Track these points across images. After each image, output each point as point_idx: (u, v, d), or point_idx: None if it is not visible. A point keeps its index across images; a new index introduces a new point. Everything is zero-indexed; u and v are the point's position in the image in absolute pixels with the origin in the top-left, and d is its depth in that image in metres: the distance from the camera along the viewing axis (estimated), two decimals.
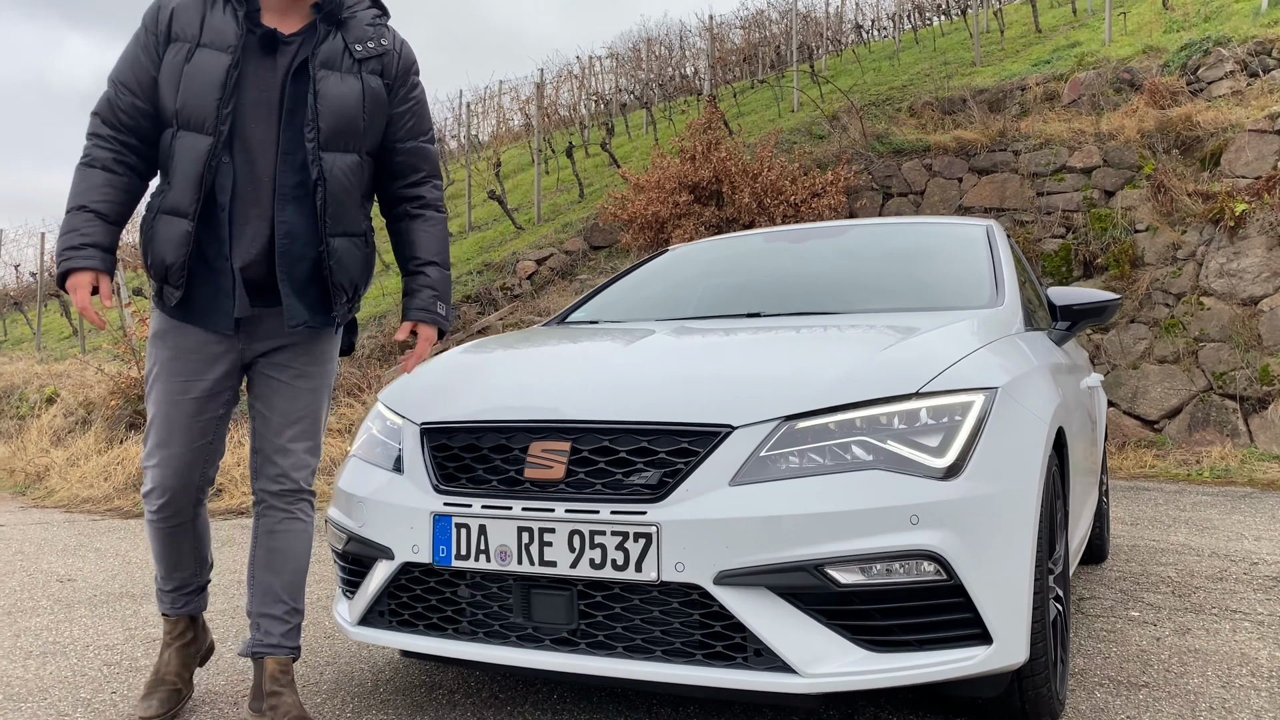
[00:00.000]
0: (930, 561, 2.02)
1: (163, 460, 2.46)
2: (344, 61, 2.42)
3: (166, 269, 2.38)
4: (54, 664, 3.08)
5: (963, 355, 2.35)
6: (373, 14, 2.54)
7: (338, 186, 2.41)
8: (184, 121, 2.35)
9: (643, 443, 2.15)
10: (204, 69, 2.32)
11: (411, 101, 2.56)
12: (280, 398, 2.50)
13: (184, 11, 2.37)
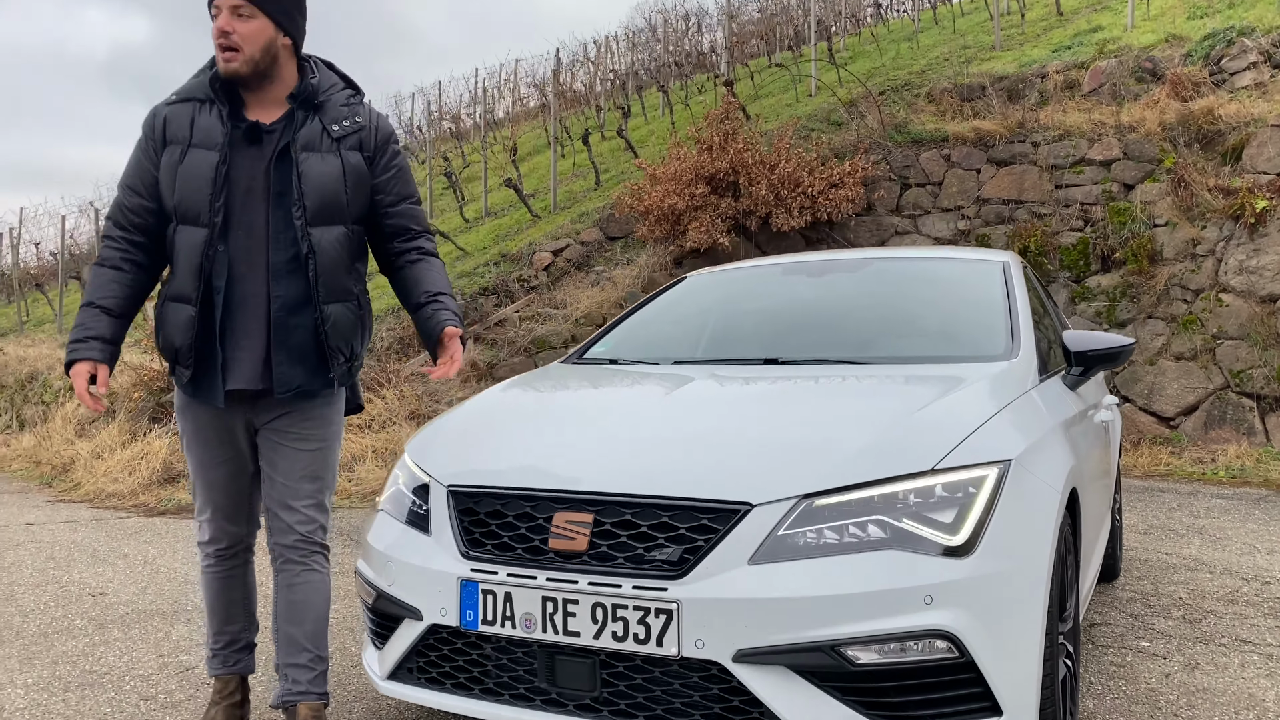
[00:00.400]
0: (943, 640, 2.08)
1: (213, 514, 2.76)
2: (323, 142, 2.61)
3: (176, 350, 2.61)
4: (92, 698, 3.19)
5: (978, 425, 2.40)
6: (346, 94, 2.73)
7: (327, 258, 2.59)
8: (181, 216, 2.56)
9: (664, 518, 2.22)
10: (195, 167, 2.53)
11: (394, 169, 2.74)
12: (284, 460, 2.67)
13: (176, 118, 2.59)
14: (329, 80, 2.73)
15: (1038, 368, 3.04)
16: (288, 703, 2.67)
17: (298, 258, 2.57)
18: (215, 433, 2.69)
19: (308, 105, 2.63)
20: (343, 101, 2.70)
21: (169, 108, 2.62)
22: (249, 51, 2.52)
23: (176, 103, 2.63)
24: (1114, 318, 9.59)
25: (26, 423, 12.44)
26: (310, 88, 2.64)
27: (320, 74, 2.71)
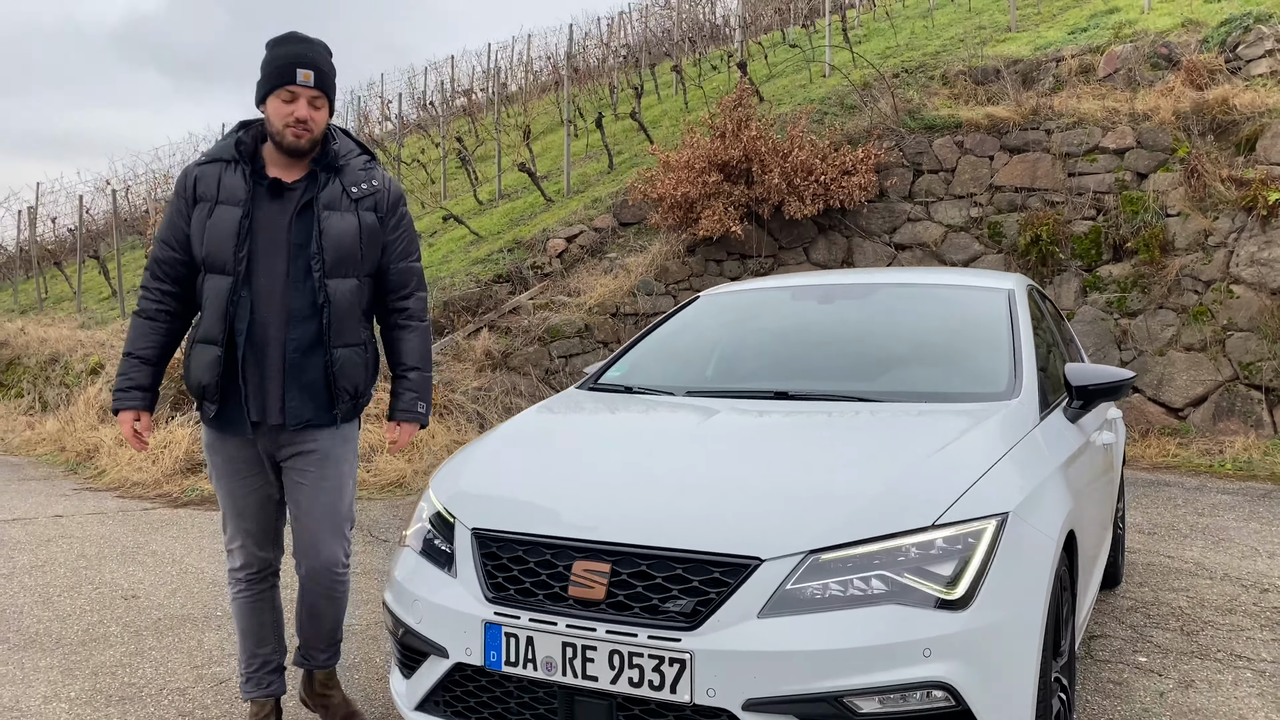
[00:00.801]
0: (941, 690, 2.21)
1: (244, 541, 3.02)
2: (343, 202, 2.91)
3: (203, 388, 2.88)
4: (133, 713, 3.36)
5: (978, 476, 2.51)
6: (363, 160, 3.03)
7: (340, 307, 2.90)
8: (209, 266, 2.85)
9: (678, 570, 2.34)
10: (222, 221, 2.82)
11: (401, 229, 3.05)
12: (306, 500, 2.96)
13: (205, 177, 2.88)
14: (347, 146, 3.02)
15: (1040, 404, 3.14)
16: (308, 668, 3.16)
17: (314, 305, 2.86)
18: (245, 463, 2.95)
19: (329, 168, 2.92)
20: (361, 166, 2.99)
21: (199, 168, 2.89)
22: (316, 133, 2.86)
23: (205, 164, 2.90)
24: (1125, 308, 9.64)
25: (49, 404, 12.66)
26: (333, 153, 2.93)
27: (339, 140, 3.00)
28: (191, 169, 2.90)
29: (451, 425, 8.72)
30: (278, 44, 2.87)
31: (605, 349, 9.95)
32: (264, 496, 2.99)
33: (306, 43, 2.86)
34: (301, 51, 2.82)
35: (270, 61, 2.84)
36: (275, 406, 2.85)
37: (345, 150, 2.99)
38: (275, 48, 2.87)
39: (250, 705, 3.05)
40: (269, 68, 2.84)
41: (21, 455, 10.51)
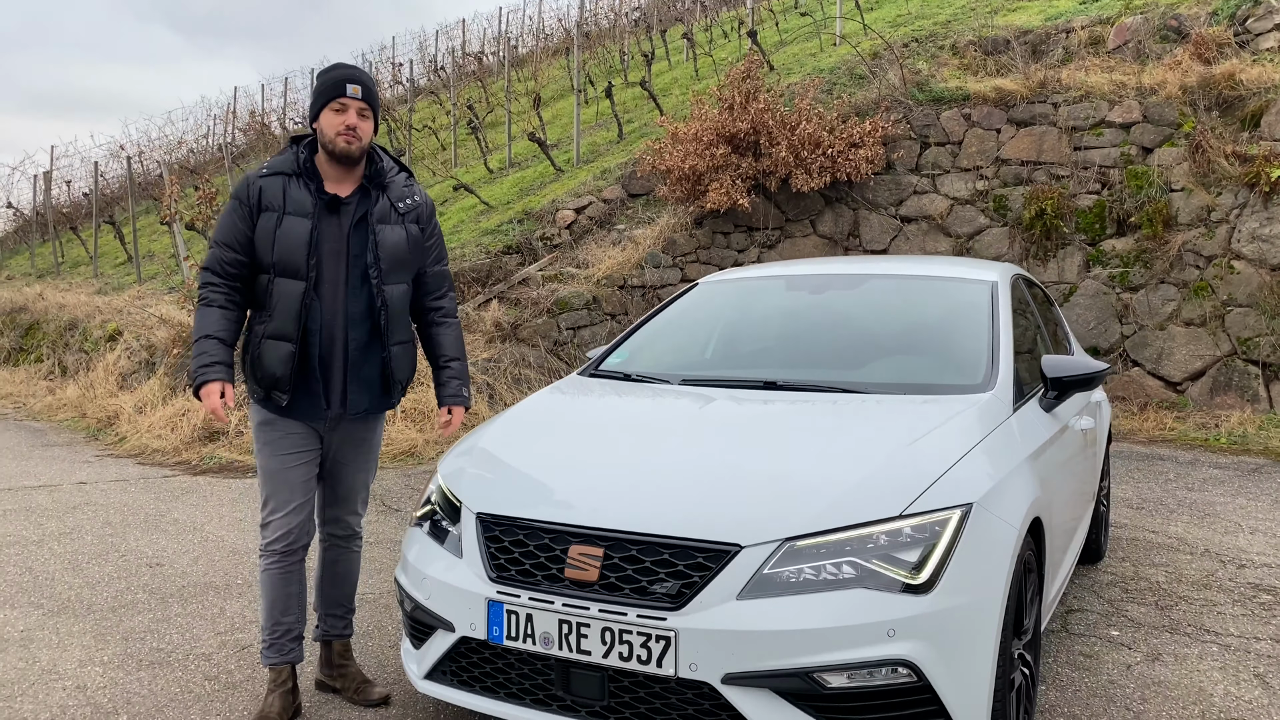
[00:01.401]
0: (905, 667, 2.41)
1: (287, 513, 3.25)
2: (392, 216, 3.26)
3: (276, 380, 3.17)
4: (163, 677, 3.60)
5: (947, 468, 2.69)
6: (404, 177, 3.38)
7: (394, 309, 3.26)
8: (280, 270, 3.14)
9: (664, 555, 2.54)
10: (292, 232, 3.14)
11: (436, 237, 3.42)
12: (347, 477, 3.41)
13: (270, 188, 3.17)
14: (389, 164, 3.36)
15: (1015, 394, 3.32)
16: (326, 639, 3.49)
17: (371, 308, 3.20)
18: (303, 440, 3.25)
19: (378, 185, 3.26)
20: (403, 183, 3.35)
21: (262, 180, 3.17)
22: (365, 141, 3.18)
23: (268, 175, 3.18)
24: (1127, 282, 9.74)
25: (68, 370, 12.94)
26: (380, 171, 3.27)
27: (382, 160, 3.33)
28: (254, 180, 3.18)
29: None
30: (328, 70, 3.21)
31: (613, 321, 10.13)
32: (310, 473, 3.28)
33: (354, 68, 3.22)
34: (351, 72, 3.18)
35: (323, 82, 3.18)
36: (338, 397, 3.21)
37: (388, 168, 3.32)
38: (326, 74, 3.21)
39: (270, 672, 3.27)
40: (322, 86, 3.17)
41: (43, 420, 10.78)
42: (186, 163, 23.58)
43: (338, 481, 3.39)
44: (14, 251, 24.14)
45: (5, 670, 3.66)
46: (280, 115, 25.56)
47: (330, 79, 3.17)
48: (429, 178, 16.24)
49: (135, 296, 14.59)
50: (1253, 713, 3.32)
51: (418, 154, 18.72)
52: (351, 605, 3.52)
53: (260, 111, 25.50)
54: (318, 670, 3.54)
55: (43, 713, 3.31)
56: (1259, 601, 4.44)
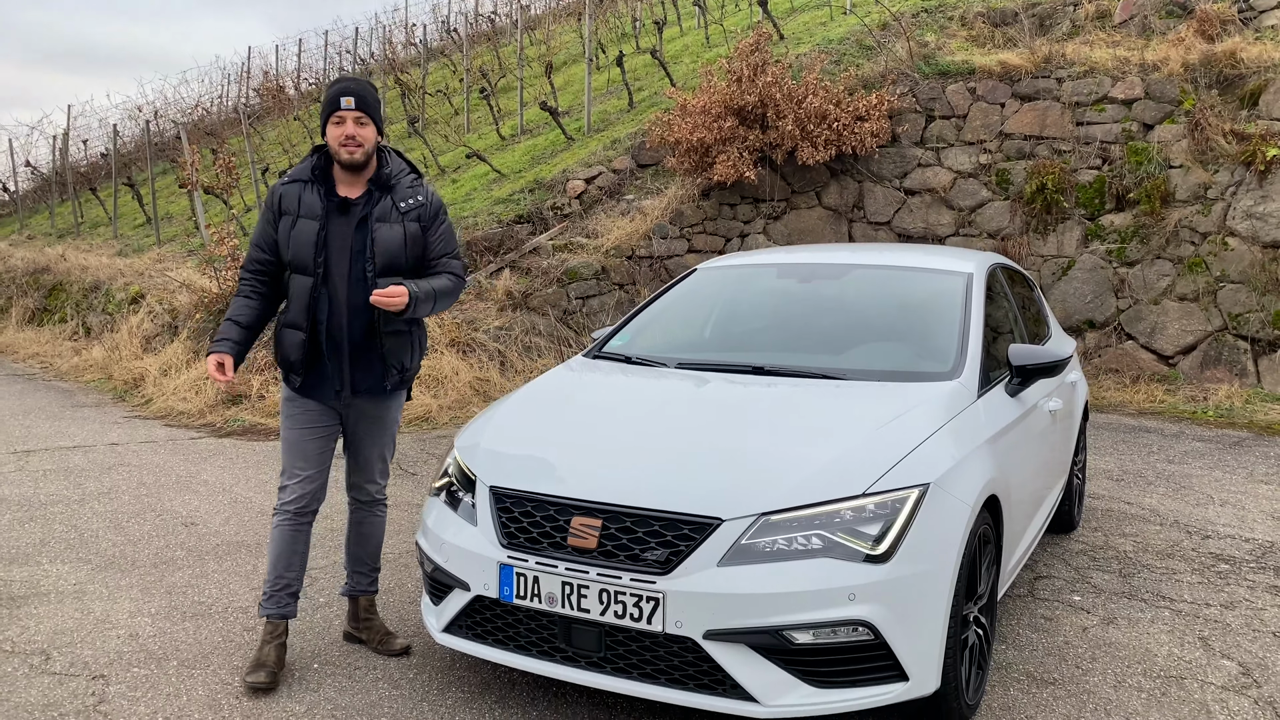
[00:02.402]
0: (863, 627, 2.75)
1: (302, 480, 3.59)
2: (393, 215, 3.54)
3: (291, 363, 3.58)
4: (207, 628, 3.98)
5: (909, 451, 3.02)
6: (411, 178, 3.64)
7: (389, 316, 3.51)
8: (295, 268, 3.54)
9: (655, 526, 2.89)
10: (304, 233, 3.50)
11: (441, 234, 3.65)
12: (364, 445, 3.75)
13: (289, 195, 3.56)
14: (398, 166, 3.64)
15: (981, 381, 3.63)
16: (353, 594, 3.85)
17: (368, 301, 3.44)
18: (320, 414, 3.61)
19: (383, 188, 3.56)
20: (409, 184, 3.62)
21: (284, 188, 3.57)
22: (366, 148, 3.48)
23: (289, 184, 3.57)
24: (1124, 257, 9.97)
25: (92, 331, 13.33)
26: (385, 175, 3.56)
27: (392, 162, 3.62)
28: (278, 188, 3.58)
29: (474, 363, 9.28)
30: (329, 86, 3.52)
31: (621, 291, 10.42)
32: (325, 445, 3.62)
33: (351, 79, 3.52)
34: (345, 85, 3.48)
35: (324, 99, 3.49)
36: (346, 379, 3.56)
37: (397, 170, 3.60)
38: (327, 90, 3.51)
39: (265, 624, 3.61)
40: (323, 103, 3.49)
41: (71, 381, 11.17)
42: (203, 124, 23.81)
43: (356, 453, 3.75)
44: (33, 211, 24.51)
45: (64, 619, 4.04)
46: (295, 78, 25.72)
47: (328, 95, 3.47)
48: (442, 144, 16.48)
49: (155, 259, 14.94)
50: (1190, 671, 3.67)
51: (431, 118, 18.92)
52: (376, 564, 3.87)
53: (275, 73, 25.66)
54: (345, 623, 3.91)
55: (101, 657, 3.69)
56: (1216, 571, 4.77)
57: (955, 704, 3.04)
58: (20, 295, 16.02)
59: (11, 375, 11.60)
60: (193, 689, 3.44)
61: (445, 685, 3.47)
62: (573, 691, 3.41)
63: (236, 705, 3.32)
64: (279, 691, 3.43)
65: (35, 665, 3.61)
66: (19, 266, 16.82)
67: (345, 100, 3.41)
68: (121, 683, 3.48)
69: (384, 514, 3.89)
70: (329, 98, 3.47)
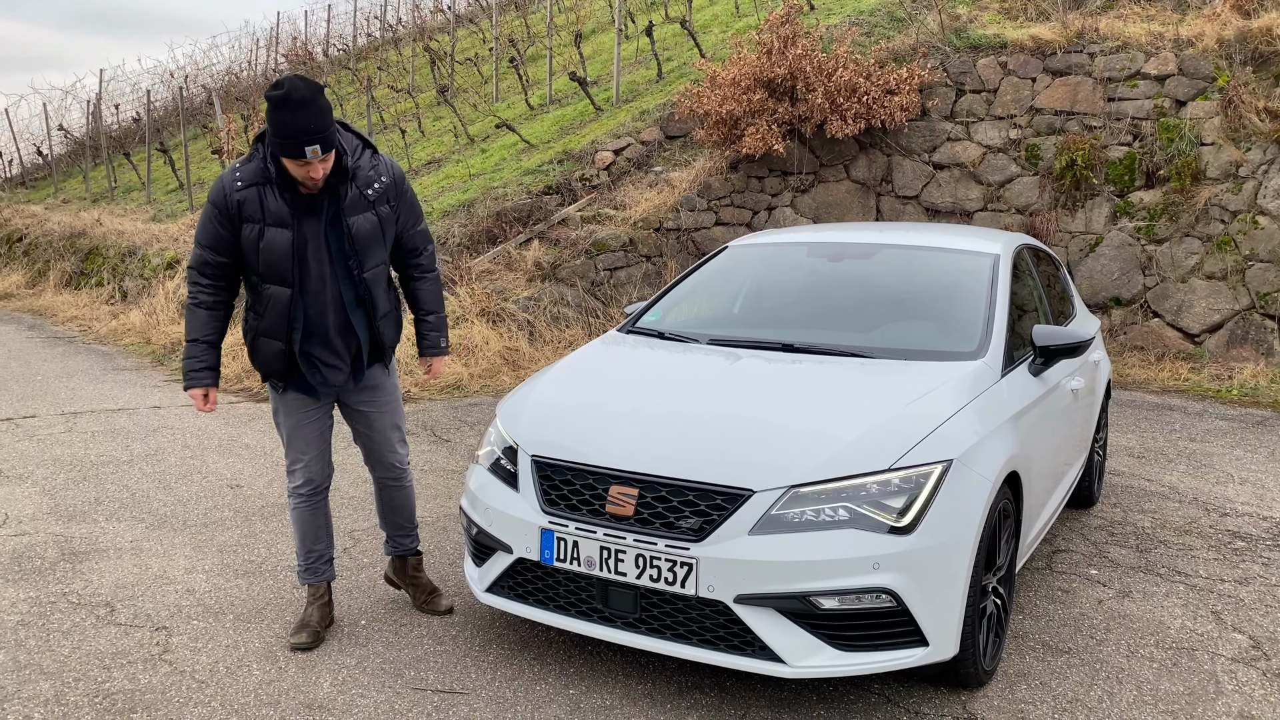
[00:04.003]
0: (886, 595, 2.90)
1: (306, 463, 3.69)
2: (362, 204, 3.44)
3: (272, 371, 3.56)
4: (259, 584, 4.19)
5: (934, 428, 3.15)
6: (368, 156, 3.47)
7: (377, 290, 3.56)
8: (268, 278, 3.40)
9: (689, 496, 3.04)
10: (276, 244, 3.35)
11: (406, 205, 3.59)
12: (376, 424, 3.77)
13: (249, 201, 3.34)
14: (351, 145, 3.41)
15: (1005, 360, 3.74)
16: (397, 554, 3.99)
17: (357, 294, 3.51)
18: (309, 405, 3.63)
19: (344, 179, 3.39)
20: (368, 165, 3.46)
21: (240, 194, 3.32)
22: (324, 178, 3.33)
23: (245, 188, 3.33)
24: (1152, 234, 9.98)
25: (128, 295, 13.60)
26: (346, 167, 3.37)
27: (345, 153, 3.36)
28: (232, 192, 3.31)
29: (504, 332, 9.45)
30: (279, 110, 3.13)
31: (648, 263, 10.54)
32: (322, 426, 3.67)
33: (306, 112, 3.13)
34: (305, 127, 3.14)
35: (277, 133, 3.16)
36: (340, 376, 3.55)
37: (352, 151, 3.38)
38: (278, 115, 3.14)
39: (308, 589, 3.79)
40: (277, 141, 3.18)
41: (109, 344, 11.43)
42: (233, 89, 23.99)
43: (370, 429, 3.74)
44: (67, 174, 24.85)
45: (124, 574, 4.27)
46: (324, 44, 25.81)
47: (284, 136, 3.14)
48: (471, 112, 16.57)
49: (189, 225, 15.16)
50: (1201, 643, 3.80)
51: (460, 86, 19.00)
52: (414, 524, 3.97)
53: (304, 39, 25.76)
54: (387, 569, 4.08)
55: (162, 610, 3.91)
56: (1232, 548, 4.88)
57: (973, 669, 3.19)
58: (58, 259, 16.35)
59: (53, 338, 11.88)
60: (249, 641, 3.65)
61: (487, 642, 3.66)
62: (608, 650, 3.59)
63: (291, 657, 3.53)
64: (330, 645, 3.63)
65: (101, 616, 3.83)
66: (55, 230, 17.15)
67: (310, 150, 3.16)
68: (183, 634, 3.70)
69: (410, 482, 3.91)
70: (286, 142, 3.15)
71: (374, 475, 3.87)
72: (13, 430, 6.92)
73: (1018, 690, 3.37)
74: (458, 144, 15.07)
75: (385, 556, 4.18)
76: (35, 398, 8.12)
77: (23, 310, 14.69)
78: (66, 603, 3.95)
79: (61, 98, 38.30)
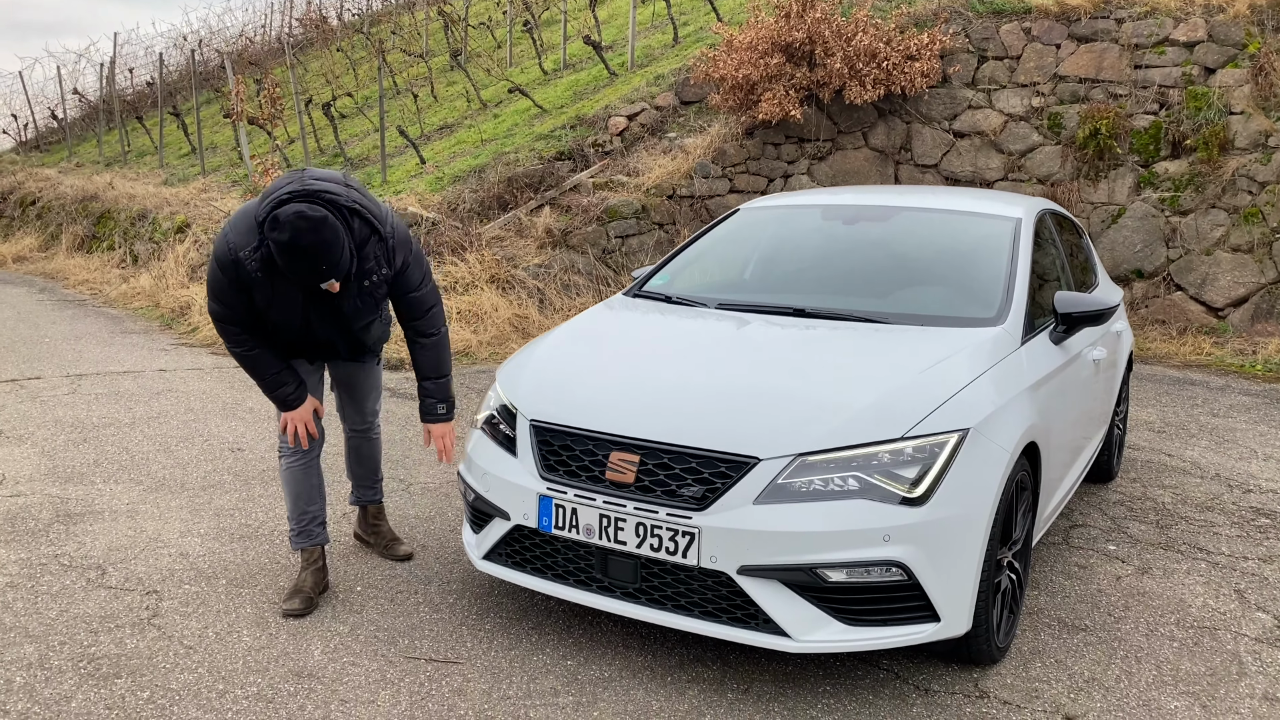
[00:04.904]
0: (897, 568, 2.77)
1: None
2: (361, 293, 3.39)
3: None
4: (254, 549, 4.10)
5: (951, 395, 3.01)
6: (373, 244, 3.34)
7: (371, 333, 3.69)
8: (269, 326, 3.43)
9: (692, 463, 2.91)
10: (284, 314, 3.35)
11: (408, 272, 3.49)
12: (355, 383, 3.89)
13: (260, 283, 3.25)
14: (362, 236, 3.30)
15: (1025, 328, 3.59)
16: (361, 503, 4.12)
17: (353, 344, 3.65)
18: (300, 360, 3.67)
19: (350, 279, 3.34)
20: (372, 255, 3.36)
21: (254, 275, 3.22)
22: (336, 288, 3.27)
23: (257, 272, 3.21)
24: (1177, 206, 9.74)
25: (139, 259, 13.53)
26: (354, 270, 3.30)
27: (357, 236, 3.27)
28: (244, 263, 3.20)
29: (514, 299, 9.32)
30: (286, 255, 3.06)
31: (661, 231, 10.38)
32: (313, 384, 3.69)
33: (314, 255, 3.07)
34: (315, 269, 3.11)
35: (288, 270, 3.12)
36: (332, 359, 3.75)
37: (362, 243, 3.30)
38: (286, 259, 3.08)
39: (301, 554, 3.71)
40: (291, 278, 3.17)
41: (119, 308, 11.38)
42: (246, 53, 23.81)
43: (351, 390, 3.90)
44: (81, 139, 24.75)
45: (118, 537, 4.19)
46: (338, 8, 25.56)
47: (299, 278, 3.14)
48: (484, 77, 16.36)
49: (200, 189, 15.07)
50: (1224, 623, 3.66)
51: (473, 51, 18.76)
52: (378, 476, 4.09)
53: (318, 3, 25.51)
54: (355, 526, 4.19)
55: (154, 574, 3.83)
56: (1256, 525, 4.73)
57: (985, 645, 3.07)
58: (70, 222, 16.29)
59: (63, 301, 11.84)
60: (241, 606, 3.57)
61: (484, 610, 3.56)
62: (607, 620, 3.48)
63: (283, 624, 3.44)
64: (323, 612, 3.54)
65: (92, 579, 3.75)
66: (68, 194, 17.09)
67: (327, 285, 3.20)
68: (174, 598, 3.61)
69: (379, 435, 4.05)
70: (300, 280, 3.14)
71: (345, 426, 4.00)
72: (16, 391, 6.86)
73: (1032, 668, 3.25)
74: (470, 109, 14.88)
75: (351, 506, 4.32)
76: (41, 359, 8.06)
77: (35, 273, 14.67)
78: (57, 565, 3.88)
79: (75, 60, 38.19)
